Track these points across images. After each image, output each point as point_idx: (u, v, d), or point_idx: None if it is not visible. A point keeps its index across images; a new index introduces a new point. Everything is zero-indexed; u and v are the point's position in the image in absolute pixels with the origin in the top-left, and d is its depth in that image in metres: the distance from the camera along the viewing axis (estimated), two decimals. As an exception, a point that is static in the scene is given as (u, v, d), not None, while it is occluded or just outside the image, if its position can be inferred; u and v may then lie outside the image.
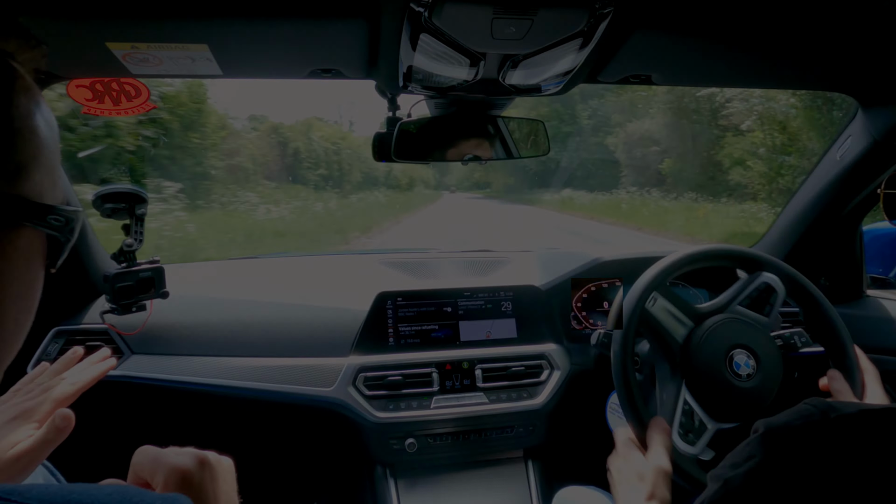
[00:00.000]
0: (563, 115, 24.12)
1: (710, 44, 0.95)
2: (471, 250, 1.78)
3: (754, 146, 13.34)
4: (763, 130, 12.86)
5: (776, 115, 12.36)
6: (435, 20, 0.74)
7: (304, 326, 1.35)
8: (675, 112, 18.19)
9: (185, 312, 1.35)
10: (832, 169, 1.36)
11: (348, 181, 22.71)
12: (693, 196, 16.30)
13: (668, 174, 19.04)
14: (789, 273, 1.08)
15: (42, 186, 0.39)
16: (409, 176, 39.46)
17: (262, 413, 1.34)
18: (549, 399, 1.31)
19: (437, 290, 1.41)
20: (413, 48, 0.84)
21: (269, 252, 6.96)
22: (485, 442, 1.31)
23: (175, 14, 0.78)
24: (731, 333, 1.03)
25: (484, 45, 0.83)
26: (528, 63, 0.90)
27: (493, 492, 1.29)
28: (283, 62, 0.98)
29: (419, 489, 1.28)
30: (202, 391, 1.24)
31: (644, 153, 20.52)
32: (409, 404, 1.27)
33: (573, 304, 1.44)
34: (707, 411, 0.98)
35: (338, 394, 1.25)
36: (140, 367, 1.25)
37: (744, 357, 1.00)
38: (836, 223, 1.45)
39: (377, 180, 27.98)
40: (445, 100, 1.13)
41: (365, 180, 25.65)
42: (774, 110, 12.32)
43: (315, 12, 0.79)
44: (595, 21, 0.78)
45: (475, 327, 1.40)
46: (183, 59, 0.92)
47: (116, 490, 0.32)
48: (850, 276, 1.51)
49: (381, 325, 1.36)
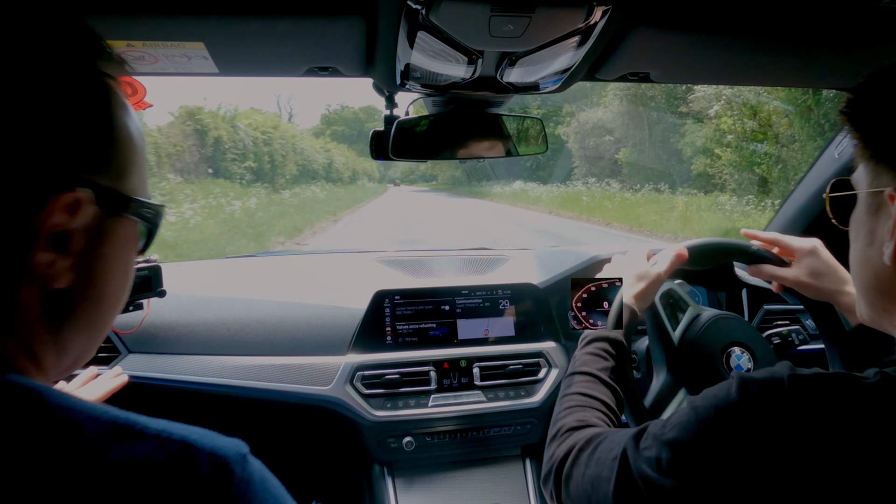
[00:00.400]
0: (512, 105, 23.05)
1: (708, 41, 0.94)
2: (469, 248, 1.78)
3: (720, 133, 12.52)
4: (732, 116, 11.88)
5: (747, 100, 11.48)
6: (432, 18, 0.73)
7: (301, 325, 1.34)
8: (630, 99, 17.41)
9: (182, 311, 1.34)
10: (831, 166, 1.36)
11: (282, 174, 20.44)
12: (652, 187, 15.80)
13: (624, 164, 18.39)
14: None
15: (136, 184, 0.47)
16: (351, 169, 37.49)
17: (260, 412, 1.33)
18: (546, 397, 1.31)
19: (434, 289, 1.41)
20: (410, 46, 0.83)
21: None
22: (482, 440, 1.31)
23: (171, 11, 0.78)
24: (727, 331, 1.03)
25: (481, 43, 0.83)
26: (525, 61, 0.90)
27: (490, 490, 1.29)
28: (279, 60, 0.97)
29: (417, 487, 1.28)
30: (199, 390, 1.24)
31: (598, 143, 19.90)
32: (407, 403, 1.27)
33: (573, 304, 1.44)
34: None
35: (335, 392, 1.25)
36: (137, 367, 1.25)
37: (740, 355, 1.01)
38: None
39: (315, 174, 26.06)
40: (443, 98, 1.12)
41: (302, 173, 23.51)
42: (744, 93, 11.33)
43: (312, 10, 0.79)
44: (593, 19, 0.77)
45: (473, 325, 1.40)
46: (179, 58, 0.91)
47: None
48: (848, 274, 1.51)
49: (379, 323, 1.35)
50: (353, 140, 59.09)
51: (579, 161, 21.19)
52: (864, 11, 0.83)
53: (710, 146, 13.34)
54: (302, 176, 23.33)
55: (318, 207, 16.13)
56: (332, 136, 52.89)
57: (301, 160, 23.71)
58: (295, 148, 23.05)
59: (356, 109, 70.97)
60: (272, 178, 19.36)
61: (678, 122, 15.54)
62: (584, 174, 20.58)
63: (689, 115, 14.79)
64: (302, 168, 23.84)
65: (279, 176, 20.11)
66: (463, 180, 36.03)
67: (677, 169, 15.85)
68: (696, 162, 14.09)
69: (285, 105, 58.38)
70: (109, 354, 1.26)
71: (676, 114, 15.53)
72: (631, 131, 18.08)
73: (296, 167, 22.72)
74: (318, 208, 16.00)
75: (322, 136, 47.59)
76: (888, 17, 0.85)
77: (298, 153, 23.52)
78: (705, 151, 13.65)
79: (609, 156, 19.37)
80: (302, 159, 23.92)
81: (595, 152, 20.13)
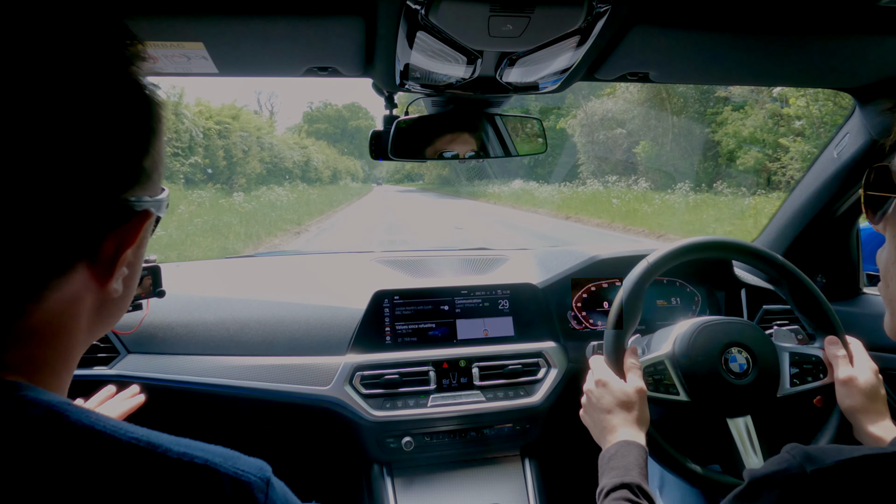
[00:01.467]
0: (511, 103, 21.44)
1: (707, 41, 0.95)
2: (468, 248, 1.78)
3: (780, 119, 10.40)
4: (805, 96, 9.67)
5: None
6: (432, 18, 0.73)
7: (300, 325, 1.34)
8: (650, 86, 13.47)
9: (181, 311, 1.34)
10: (830, 166, 1.37)
11: (242, 173, 17.67)
12: (691, 186, 13.04)
13: (643, 160, 15.91)
14: (775, 259, 1.09)
15: (158, 182, 0.47)
16: (332, 168, 34.58)
17: (259, 412, 1.33)
18: (545, 397, 1.31)
19: (434, 289, 1.41)
20: (410, 46, 0.84)
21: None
22: (482, 440, 1.31)
23: (170, 12, 0.77)
24: (725, 332, 1.03)
25: (481, 43, 0.83)
26: (525, 61, 0.90)
27: (489, 490, 1.29)
28: (279, 60, 0.97)
29: (416, 487, 1.28)
30: (198, 390, 1.24)
31: (609, 136, 17.61)
32: (406, 403, 1.27)
33: (573, 304, 1.44)
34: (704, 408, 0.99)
35: (335, 392, 1.25)
36: (136, 367, 1.25)
37: (739, 354, 1.01)
38: (834, 220, 1.45)
39: (288, 173, 23.29)
40: (442, 98, 1.13)
41: (270, 173, 20.77)
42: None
43: (311, 10, 0.79)
44: (592, 18, 0.77)
45: (472, 325, 1.40)
46: (178, 58, 0.91)
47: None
48: (846, 273, 1.52)
49: (378, 323, 1.35)
50: (336, 138, 56.89)
51: (585, 157, 19.32)
52: (863, 11, 0.84)
53: (763, 136, 11.48)
54: (271, 175, 20.68)
55: (277, 214, 13.18)
56: (315, 134, 49.99)
57: (269, 157, 21.25)
58: (261, 143, 20.41)
59: (339, 107, 69.62)
60: (229, 178, 16.86)
61: (712, 110, 13.60)
62: (594, 172, 18.39)
63: (727, 101, 12.82)
64: (271, 166, 21.29)
65: (238, 175, 17.53)
66: (450, 179, 33.86)
67: (707, 165, 13.65)
68: (744, 155, 12.05)
69: (266, 102, 56.89)
70: (109, 355, 1.26)
71: (712, 100, 13.50)
72: (652, 122, 16.11)
73: (261, 165, 20.11)
74: (277, 216, 13.06)
75: (298, 132, 44.24)
76: (886, 17, 0.85)
77: (266, 149, 20.97)
78: (755, 142, 11.74)
79: (619, 151, 17.48)
80: (270, 156, 21.44)
81: (605, 148, 18.25)
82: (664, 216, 11.34)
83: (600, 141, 18.33)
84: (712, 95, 13.44)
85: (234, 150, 17.28)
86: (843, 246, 1.50)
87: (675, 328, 1.06)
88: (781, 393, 1.01)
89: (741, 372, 1.00)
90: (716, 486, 0.95)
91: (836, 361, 1.01)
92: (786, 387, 1.01)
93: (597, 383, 0.98)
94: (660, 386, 1.00)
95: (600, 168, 18.43)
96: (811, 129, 10.02)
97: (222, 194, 14.25)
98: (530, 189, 19.88)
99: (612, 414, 0.93)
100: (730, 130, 12.52)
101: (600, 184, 17.18)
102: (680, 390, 0.99)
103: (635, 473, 0.82)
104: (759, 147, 11.54)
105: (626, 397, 0.93)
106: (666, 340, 1.05)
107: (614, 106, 17.60)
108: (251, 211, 12.60)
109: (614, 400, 0.94)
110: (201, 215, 10.67)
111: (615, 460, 0.85)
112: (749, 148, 11.94)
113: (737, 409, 0.99)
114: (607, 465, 0.85)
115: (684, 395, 0.99)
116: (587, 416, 0.99)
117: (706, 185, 13.32)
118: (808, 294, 1.06)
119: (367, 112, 70.17)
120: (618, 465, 0.83)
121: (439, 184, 36.69)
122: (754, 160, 11.68)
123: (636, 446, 0.86)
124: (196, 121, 15.17)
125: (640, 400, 0.94)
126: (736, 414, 0.99)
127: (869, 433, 0.91)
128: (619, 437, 0.89)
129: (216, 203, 12.61)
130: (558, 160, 21.43)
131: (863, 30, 0.89)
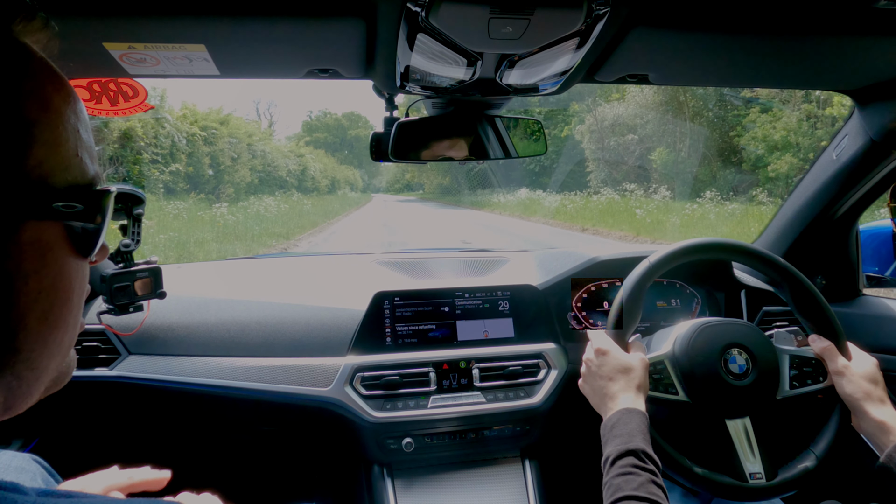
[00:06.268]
0: (513, 106, 20.79)
1: (706, 43, 0.95)
2: (468, 250, 1.78)
3: (817, 121, 9.36)
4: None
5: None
6: (432, 20, 0.74)
7: (301, 326, 1.34)
8: (666, 88, 13.35)
9: (182, 313, 1.35)
10: (829, 168, 1.37)
11: (230, 182, 16.44)
12: (717, 195, 11.73)
13: (659, 167, 14.71)
14: (773, 260, 1.09)
15: (44, 169, 0.35)
16: (330, 177, 33.63)
17: (260, 413, 1.33)
18: (546, 398, 1.31)
19: (434, 290, 1.41)
20: (410, 48, 0.84)
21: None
22: (482, 441, 1.31)
23: (172, 14, 0.78)
24: (724, 333, 1.03)
25: (481, 45, 0.83)
26: (525, 63, 0.90)
27: (489, 491, 1.29)
28: (280, 62, 0.98)
29: (416, 489, 1.28)
30: (199, 392, 1.24)
31: (620, 142, 16.72)
32: (407, 404, 1.27)
33: (573, 305, 1.44)
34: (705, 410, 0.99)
35: (335, 393, 1.25)
36: (137, 368, 1.25)
37: (738, 355, 1.01)
38: (833, 222, 1.45)
39: (283, 182, 22.15)
40: (443, 100, 1.13)
41: (263, 182, 19.74)
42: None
43: (312, 12, 0.79)
44: (592, 20, 0.78)
45: (472, 327, 1.40)
46: (180, 60, 0.92)
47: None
48: (846, 274, 1.52)
49: (379, 324, 1.35)
50: (335, 147, 55.93)
51: (594, 165, 18.35)
52: (860, 13, 0.84)
53: (797, 139, 10.41)
54: (263, 185, 19.61)
55: (263, 228, 12.07)
56: (314, 144, 49.31)
57: (261, 165, 20.02)
58: (252, 150, 19.22)
59: (339, 116, 69.19)
60: (215, 188, 15.59)
61: (737, 113, 12.65)
62: (605, 179, 17.32)
63: (751, 103, 11.83)
64: (263, 175, 20.13)
65: (226, 184, 16.20)
66: (452, 188, 32.77)
67: (728, 172, 12.54)
68: (777, 161, 10.91)
69: (265, 112, 55.48)
70: (110, 356, 1.27)
71: (737, 101, 12.46)
72: (668, 126, 15.12)
73: (252, 174, 18.86)
74: (262, 229, 11.87)
75: (297, 141, 42.84)
76: (883, 19, 0.85)
77: (258, 157, 19.78)
78: (788, 147, 10.62)
79: (635, 157, 16.42)
80: (263, 164, 20.20)
81: (616, 154, 17.37)
82: (699, 227, 9.99)
83: (611, 147, 17.68)
84: (737, 97, 12.74)
85: (221, 158, 16.02)
86: (843, 247, 1.50)
87: (675, 329, 1.07)
88: (781, 395, 1.01)
89: (741, 373, 1.00)
90: (714, 487, 0.95)
91: (826, 353, 1.01)
92: (785, 389, 1.01)
93: (596, 352, 0.99)
94: (659, 386, 1.01)
95: (611, 176, 17.63)
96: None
97: (205, 205, 13.07)
98: (538, 198, 18.64)
99: (612, 381, 0.93)
100: (758, 134, 11.57)
101: (615, 192, 15.81)
102: (679, 390, 1.00)
103: (639, 439, 0.83)
104: (794, 153, 10.58)
105: (627, 363, 0.95)
106: (666, 341, 1.06)
107: (625, 111, 17.15)
108: (232, 224, 11.47)
109: (614, 367, 0.95)
110: (175, 229, 9.62)
111: (618, 428, 0.86)
112: (782, 153, 10.95)
113: (736, 410, 0.99)
114: (610, 433, 0.86)
115: (684, 396, 0.99)
116: (586, 384, 1.00)
117: (742, 193, 12.21)
118: (809, 296, 1.06)
119: (366, 121, 69.91)
120: (621, 433, 0.84)
121: (440, 193, 35.47)
122: (788, 165, 10.65)
123: (637, 413, 0.88)
124: (179, 125, 13.89)
125: (641, 367, 0.95)
126: (735, 415, 0.99)
127: (874, 419, 0.91)
128: (620, 404, 0.90)
129: (194, 215, 11.47)
130: (565, 168, 20.63)
131: (861, 31, 0.90)
